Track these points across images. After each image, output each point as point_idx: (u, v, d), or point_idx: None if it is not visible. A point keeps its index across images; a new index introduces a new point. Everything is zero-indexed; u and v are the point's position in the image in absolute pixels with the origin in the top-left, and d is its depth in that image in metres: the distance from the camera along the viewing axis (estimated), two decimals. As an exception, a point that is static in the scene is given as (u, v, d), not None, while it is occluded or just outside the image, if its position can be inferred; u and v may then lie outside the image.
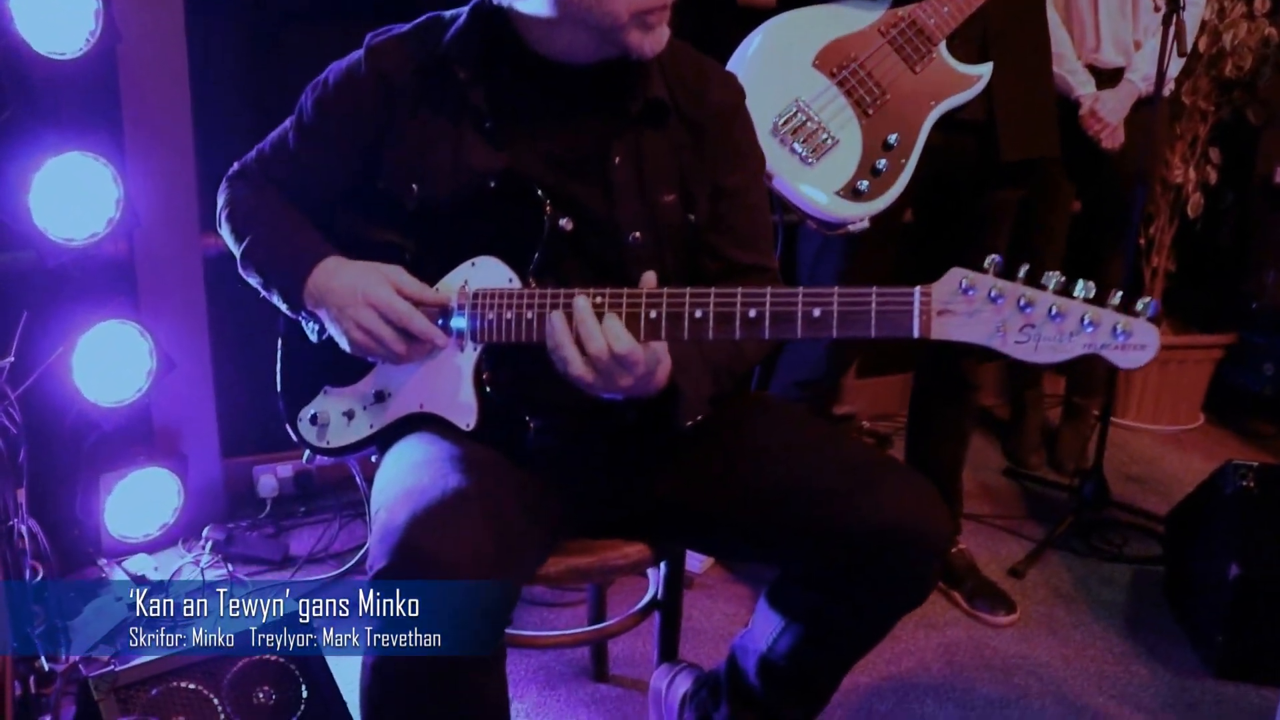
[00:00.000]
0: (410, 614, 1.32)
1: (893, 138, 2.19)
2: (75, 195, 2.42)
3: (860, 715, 2.29)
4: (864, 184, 2.18)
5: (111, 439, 2.68)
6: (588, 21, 1.49)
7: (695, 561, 2.78)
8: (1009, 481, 3.51)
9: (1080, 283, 1.24)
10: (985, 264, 1.25)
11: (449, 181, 1.61)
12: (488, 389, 1.56)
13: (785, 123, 2.17)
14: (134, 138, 2.62)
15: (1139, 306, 1.23)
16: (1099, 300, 1.24)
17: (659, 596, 1.95)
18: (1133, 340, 1.21)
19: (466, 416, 1.56)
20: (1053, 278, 1.24)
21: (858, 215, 2.20)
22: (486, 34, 1.61)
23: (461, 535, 1.32)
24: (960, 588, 2.73)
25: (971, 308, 1.25)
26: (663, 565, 1.93)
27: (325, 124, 1.68)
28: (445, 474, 1.43)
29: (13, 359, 2.16)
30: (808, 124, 2.17)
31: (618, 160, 1.60)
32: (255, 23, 2.81)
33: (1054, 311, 1.23)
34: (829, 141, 2.18)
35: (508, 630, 1.81)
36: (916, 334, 1.27)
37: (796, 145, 2.17)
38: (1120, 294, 1.23)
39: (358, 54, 1.66)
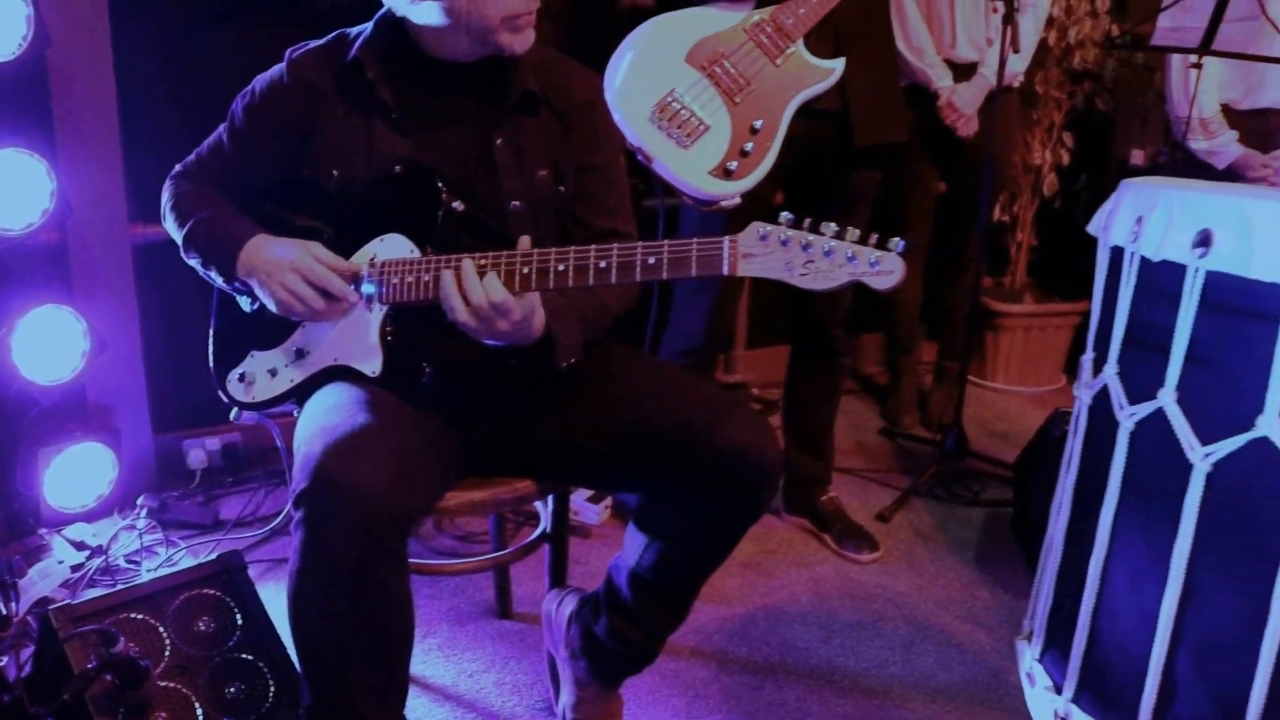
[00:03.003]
0: (327, 526, 1.59)
1: (758, 123, 2.47)
2: (11, 188, 2.64)
3: (736, 639, 2.59)
4: (734, 164, 2.46)
5: (49, 416, 2.89)
6: (468, 27, 1.80)
7: (593, 514, 3.08)
8: (883, 440, 3.85)
9: (850, 229, 1.55)
10: (780, 218, 1.56)
11: (363, 166, 1.90)
12: (390, 339, 1.84)
13: (662, 111, 2.44)
14: (65, 134, 2.83)
15: (890, 244, 1.53)
16: (863, 241, 1.54)
17: (548, 530, 2.23)
18: (883, 268, 1.52)
19: (373, 364, 1.84)
20: (830, 227, 1.55)
21: (729, 192, 2.48)
22: (389, 40, 1.91)
23: (366, 461, 1.60)
24: (830, 531, 3.05)
25: (767, 250, 1.55)
26: (551, 503, 2.21)
27: (254, 127, 1.96)
28: (354, 413, 1.71)
29: (-42, 339, 2.37)
30: (681, 112, 2.45)
31: (499, 142, 1.91)
32: (176, 26, 3.02)
33: (827, 250, 1.53)
34: (701, 127, 2.45)
35: (418, 562, 2.12)
36: (726, 271, 1.57)
37: (673, 131, 2.44)
38: (876, 236, 1.53)
39: (280, 67, 1.95)
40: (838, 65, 2.50)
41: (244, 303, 1.99)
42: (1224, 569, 1.38)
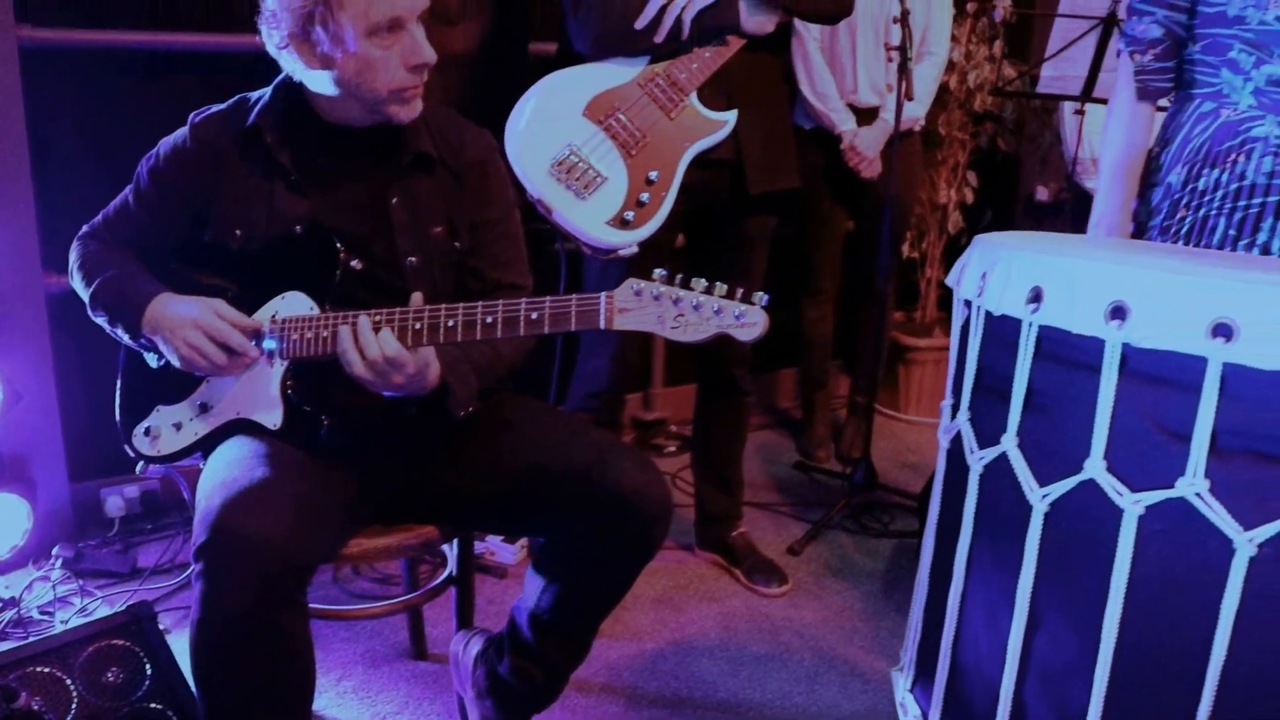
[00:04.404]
0: (225, 578, 1.64)
1: (653, 174, 2.56)
2: (-78, 243, 2.67)
3: (645, 674, 2.66)
4: (630, 214, 2.55)
5: (-39, 468, 2.91)
6: (357, 97, 1.88)
7: (509, 554, 3.14)
8: (798, 474, 3.95)
9: (718, 284, 1.64)
10: (654, 274, 1.64)
11: (265, 226, 1.97)
12: (290, 392, 1.90)
13: (560, 164, 2.52)
14: (-25, 188, 2.86)
15: (754, 298, 1.62)
16: (730, 296, 1.63)
17: (454, 573, 2.30)
18: (747, 320, 1.61)
19: (274, 417, 1.91)
20: (700, 282, 1.63)
21: (626, 241, 2.56)
22: (288, 106, 1.98)
23: (264, 513, 1.67)
24: (740, 566, 3.13)
25: (641, 305, 1.64)
26: (456, 546, 2.27)
27: (158, 189, 2.02)
28: (254, 467, 1.77)
29: None
30: (579, 164, 2.53)
31: (395, 201, 1.98)
32: (88, 78, 3.05)
33: (696, 304, 1.62)
34: (598, 179, 2.54)
35: (321, 607, 2.18)
36: (603, 326, 1.66)
37: (571, 183, 2.52)
38: (741, 291, 1.63)
39: (183, 130, 2.02)
40: (730, 117, 2.60)
41: (151, 359, 2.04)
42: (1062, 600, 1.47)
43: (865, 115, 3.66)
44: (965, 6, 4.14)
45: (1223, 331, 1.28)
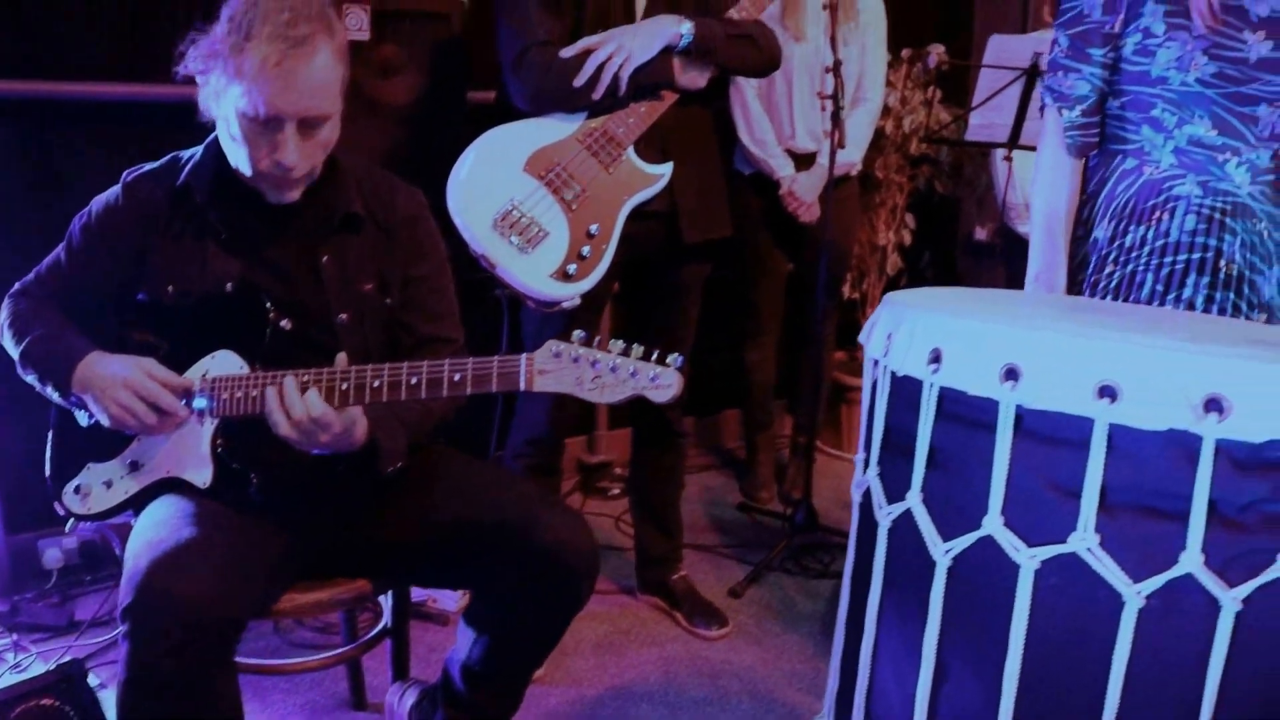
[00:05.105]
0: (152, 639, 1.65)
1: (594, 227, 2.61)
2: None
3: (584, 720, 2.68)
4: (573, 267, 2.59)
5: (-105, 521, 2.88)
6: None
7: (451, 601, 3.15)
8: (741, 516, 3.98)
9: (635, 346, 1.69)
10: (573, 337, 1.69)
11: (198, 282, 1.99)
12: (220, 451, 1.92)
13: (503, 219, 2.56)
14: (-88, 241, 2.85)
15: (669, 360, 1.68)
16: (646, 358, 1.68)
17: (388, 624, 2.31)
18: (661, 382, 1.68)
19: (204, 475, 1.93)
20: (618, 344, 1.68)
21: (569, 294, 2.61)
22: (218, 165, 2.00)
23: (190, 573, 1.69)
24: (680, 609, 3.16)
25: (560, 367, 1.69)
26: (391, 598, 2.29)
27: (91, 247, 2.04)
28: (180, 528, 1.79)
29: None
30: (522, 219, 2.57)
31: (326, 259, 2.01)
32: (26, 130, 3.06)
33: (612, 366, 1.68)
34: (540, 233, 2.58)
35: (257, 662, 2.19)
36: (523, 387, 1.71)
37: (513, 238, 2.56)
38: (657, 353, 1.69)
39: (116, 189, 2.04)
40: (666, 170, 2.66)
41: (81, 417, 2.05)
42: (966, 653, 1.52)
43: (803, 160, 3.73)
44: (900, 53, 4.24)
45: (1108, 393, 1.33)
